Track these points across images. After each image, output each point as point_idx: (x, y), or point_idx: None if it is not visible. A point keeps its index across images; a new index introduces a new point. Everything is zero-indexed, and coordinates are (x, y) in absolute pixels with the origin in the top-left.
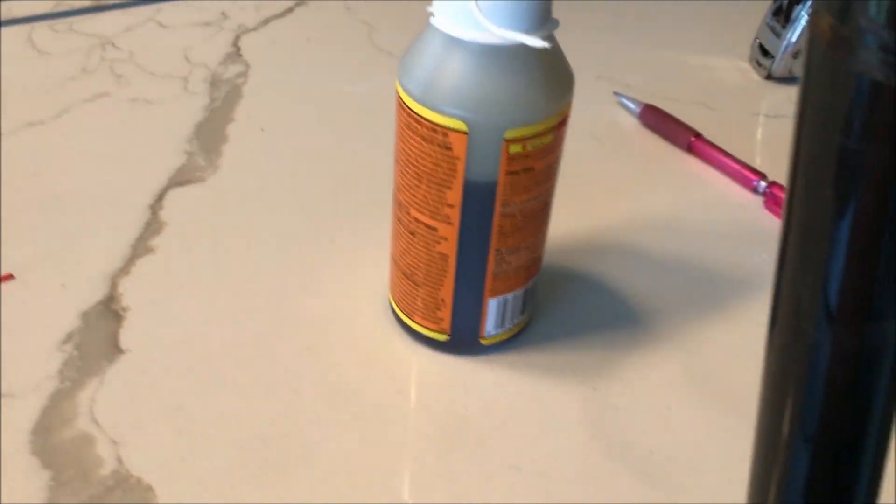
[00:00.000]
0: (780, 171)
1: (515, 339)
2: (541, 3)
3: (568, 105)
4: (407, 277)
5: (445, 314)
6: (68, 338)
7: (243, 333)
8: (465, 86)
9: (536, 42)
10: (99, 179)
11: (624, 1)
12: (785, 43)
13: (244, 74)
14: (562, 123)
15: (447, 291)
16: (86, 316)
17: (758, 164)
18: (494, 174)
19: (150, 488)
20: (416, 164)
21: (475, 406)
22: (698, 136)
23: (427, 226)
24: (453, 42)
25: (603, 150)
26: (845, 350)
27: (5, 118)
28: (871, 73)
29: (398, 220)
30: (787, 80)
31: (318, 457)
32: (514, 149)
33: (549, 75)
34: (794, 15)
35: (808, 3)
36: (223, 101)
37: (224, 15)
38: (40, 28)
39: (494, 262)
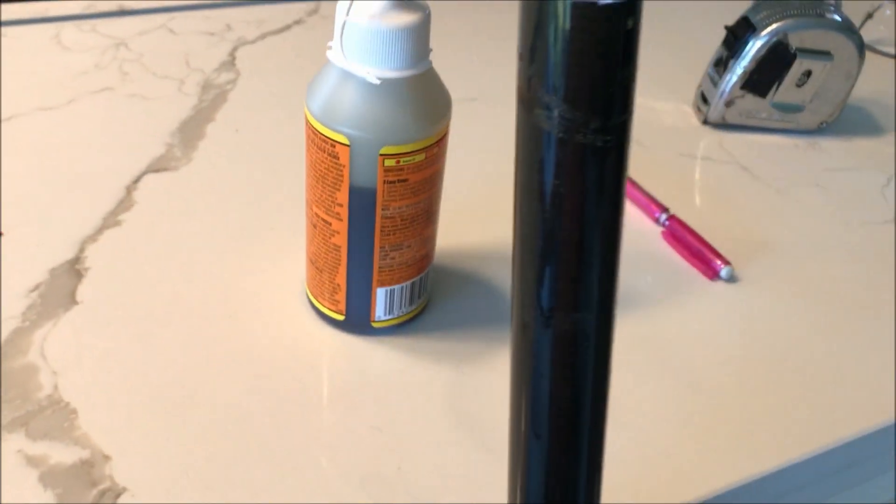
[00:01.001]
0: (684, 206)
1: (406, 325)
2: (402, 51)
3: (443, 129)
4: (312, 263)
5: (341, 297)
6: (35, 287)
7: (180, 300)
8: (349, 108)
9: (372, 78)
10: (89, 160)
11: None
12: (720, 91)
13: (233, 82)
14: (436, 144)
15: (341, 278)
16: (53, 271)
17: (668, 198)
18: (374, 182)
19: (74, 411)
20: (314, 168)
21: (355, 376)
22: None
23: (323, 220)
24: (343, 73)
25: None
26: (560, 334)
27: (22, 102)
28: (543, 125)
29: (307, 214)
30: (720, 126)
31: (215, 403)
32: (389, 162)
33: (422, 104)
34: (729, 67)
35: (744, 58)
36: (210, 103)
37: (228, 27)
38: (68, 27)
39: (379, 256)
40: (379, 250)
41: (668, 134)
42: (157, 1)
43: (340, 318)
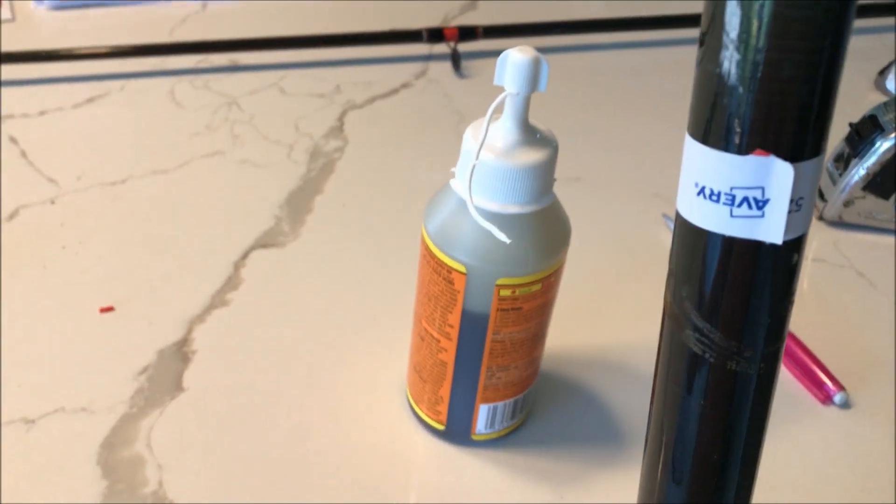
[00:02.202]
0: (795, 313)
1: (507, 437)
2: (527, 187)
3: (559, 261)
4: (416, 372)
5: (443, 409)
6: (143, 370)
7: (282, 393)
8: (468, 239)
9: (501, 236)
10: (199, 231)
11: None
12: (838, 190)
13: (341, 150)
14: (553, 274)
15: (445, 391)
16: (161, 353)
17: None
18: (487, 308)
19: None
20: (427, 287)
21: (451, 488)
22: None
23: (432, 336)
24: (463, 202)
25: (634, 269)
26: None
27: (137, 164)
28: (694, 347)
29: (414, 325)
30: (836, 224)
31: (313, 498)
32: (504, 292)
33: (541, 238)
34: (851, 165)
35: (868, 158)
36: (318, 172)
37: (338, 88)
38: (182, 82)
39: (485, 375)
40: (486, 370)
41: None
42: (270, 52)
43: (441, 427)
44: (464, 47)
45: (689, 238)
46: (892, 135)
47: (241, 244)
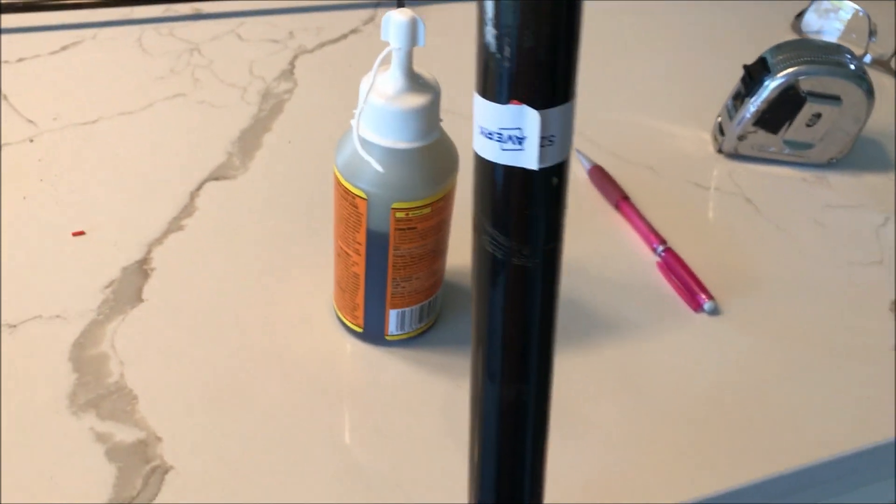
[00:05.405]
0: (684, 235)
1: (417, 339)
2: (411, 127)
3: (448, 187)
4: (338, 284)
5: (360, 314)
6: (109, 284)
7: (229, 304)
8: (367, 169)
9: (377, 166)
10: (160, 165)
11: (618, 68)
12: (734, 126)
13: (290, 92)
14: (443, 199)
15: (360, 299)
16: (125, 270)
17: (670, 227)
18: (387, 228)
19: (136, 398)
20: (339, 211)
21: (368, 381)
22: (625, 198)
23: (346, 252)
24: (363, 139)
25: None
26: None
27: (107, 106)
28: (487, 247)
29: (334, 243)
30: (733, 156)
31: (252, 396)
32: (400, 215)
33: (428, 169)
34: (744, 104)
35: (758, 97)
36: (268, 112)
37: (291, 34)
38: (149, 30)
39: (391, 285)
40: (392, 281)
41: (683, 161)
42: (229, 2)
43: (359, 330)
44: None
45: (481, 167)
46: (778, 75)
47: (197, 176)
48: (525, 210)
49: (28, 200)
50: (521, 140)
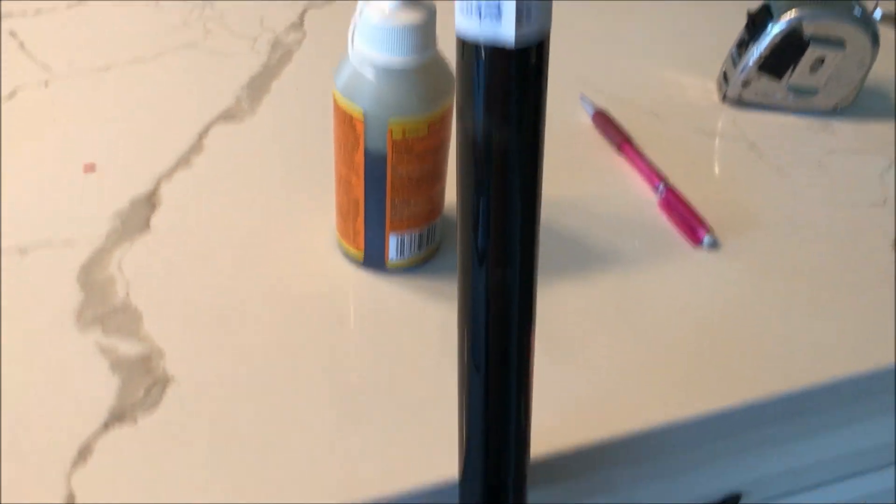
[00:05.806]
0: (686, 178)
1: (417, 267)
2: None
3: (444, 108)
4: (339, 211)
5: (360, 241)
6: (118, 213)
7: (236, 233)
8: (364, 87)
9: (369, 72)
10: (169, 107)
11: (628, 12)
12: (738, 72)
13: (299, 42)
14: (438, 121)
15: (360, 225)
16: (133, 201)
17: (673, 170)
18: (384, 148)
19: (140, 316)
20: (338, 135)
21: (369, 306)
22: (628, 140)
23: (346, 177)
24: (360, 58)
25: (550, 140)
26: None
27: (120, 55)
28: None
29: (335, 170)
30: (739, 103)
31: (255, 318)
32: (397, 135)
33: (426, 86)
34: (748, 49)
35: (761, 42)
36: (277, 61)
37: None
38: None
39: (391, 208)
40: (390, 203)
41: (688, 109)
42: None
43: (360, 256)
44: None
45: (461, 48)
46: (781, 20)
47: (206, 118)
48: (504, 89)
49: (42, 138)
50: (499, 10)
